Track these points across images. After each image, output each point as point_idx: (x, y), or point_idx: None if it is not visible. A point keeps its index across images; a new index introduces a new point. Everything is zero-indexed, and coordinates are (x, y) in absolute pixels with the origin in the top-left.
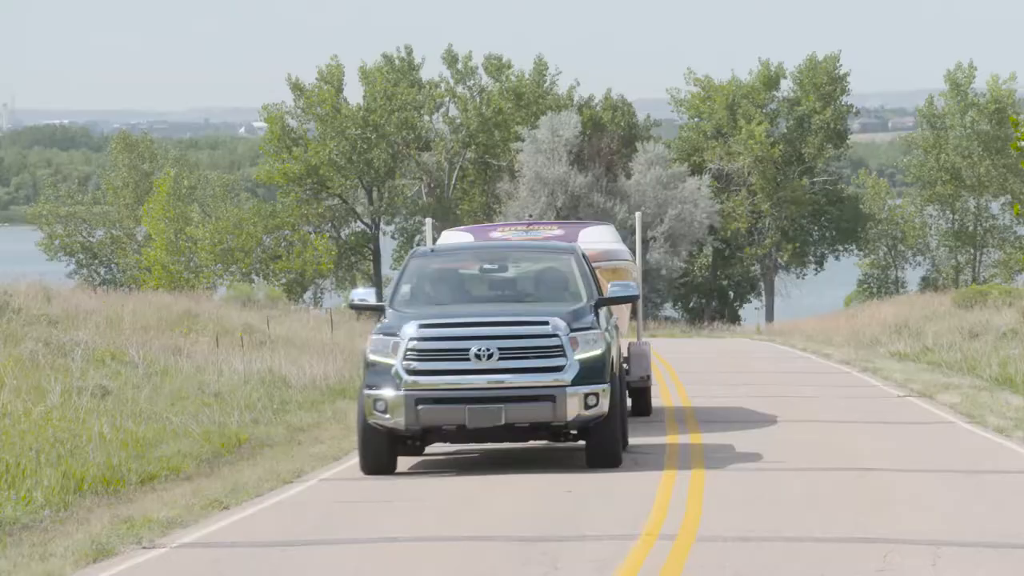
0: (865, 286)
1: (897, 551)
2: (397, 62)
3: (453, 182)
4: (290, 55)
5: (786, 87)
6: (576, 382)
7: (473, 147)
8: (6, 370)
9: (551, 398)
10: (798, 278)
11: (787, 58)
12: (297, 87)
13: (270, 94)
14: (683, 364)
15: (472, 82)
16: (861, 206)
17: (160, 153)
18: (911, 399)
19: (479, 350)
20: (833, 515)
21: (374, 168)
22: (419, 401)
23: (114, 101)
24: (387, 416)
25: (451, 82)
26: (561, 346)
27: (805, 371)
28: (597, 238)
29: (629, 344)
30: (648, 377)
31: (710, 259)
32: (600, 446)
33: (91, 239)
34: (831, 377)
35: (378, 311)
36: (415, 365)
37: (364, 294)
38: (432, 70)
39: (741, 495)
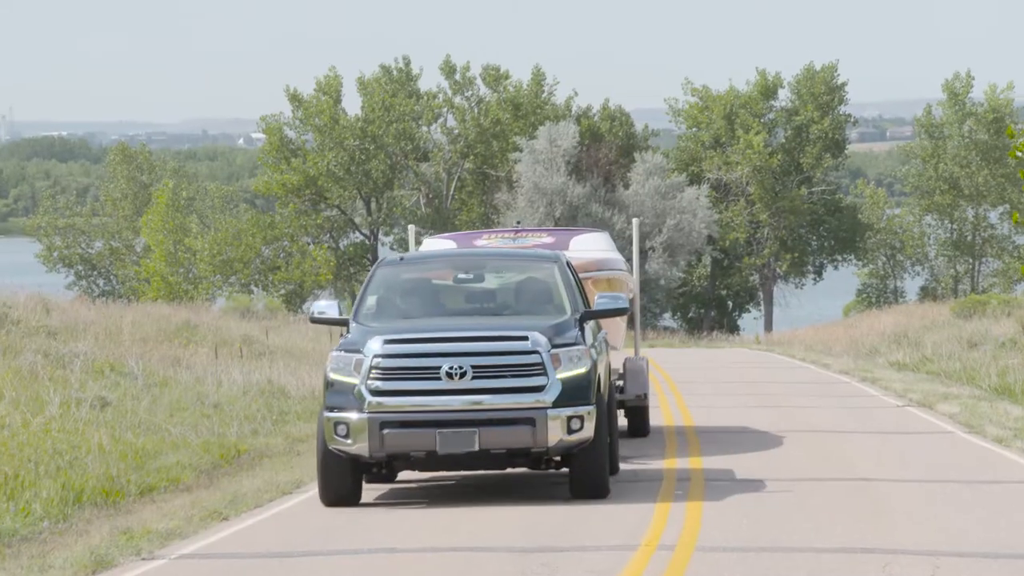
0: (864, 296)
1: (896, 561)
2: (395, 73)
3: (451, 192)
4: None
5: (784, 97)
6: (558, 404)
7: (471, 157)
8: (5, 382)
9: (530, 421)
10: (797, 288)
11: (785, 68)
12: (295, 98)
13: (268, 105)
14: (682, 374)
15: (470, 92)
16: (859, 216)
17: (159, 164)
18: (910, 409)
19: (451, 368)
20: (832, 525)
21: (372, 179)
22: (384, 425)
23: (112, 113)
24: (349, 441)
25: (449, 93)
26: (541, 364)
27: (804, 381)
28: (590, 246)
29: (625, 360)
30: (645, 395)
31: (709, 269)
32: (585, 474)
33: (90, 251)
34: (830, 387)
35: (342, 325)
36: (380, 385)
37: (326, 307)
38: (430, 81)
39: (739, 505)
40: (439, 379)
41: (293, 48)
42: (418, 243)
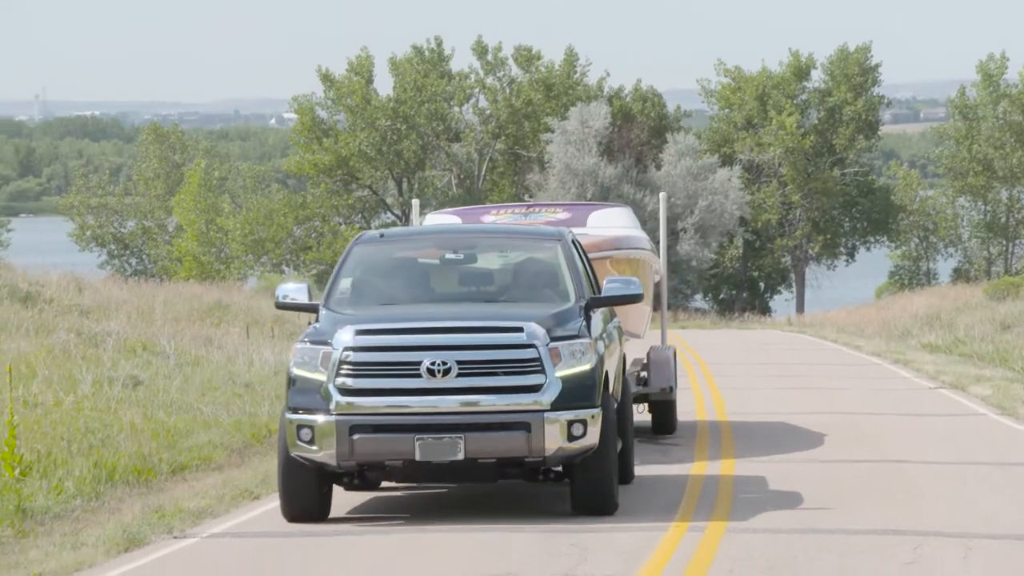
0: (896, 278)
1: (927, 543)
2: (427, 53)
3: (483, 173)
4: (320, 46)
5: (817, 78)
6: (557, 406)
7: (503, 138)
8: (38, 360)
9: (525, 426)
10: (829, 269)
11: (818, 49)
12: (327, 78)
13: (300, 85)
14: (713, 355)
15: (502, 73)
16: (892, 197)
17: (191, 144)
18: (942, 391)
19: (433, 364)
20: (863, 507)
21: (404, 159)
22: (355, 429)
23: (145, 92)
24: (314, 448)
25: (481, 73)
26: (538, 359)
27: (836, 363)
28: (609, 222)
29: (650, 349)
30: (671, 389)
31: (740, 250)
32: (588, 488)
33: (122, 230)
34: (862, 369)
35: (311, 312)
36: (350, 382)
37: (293, 290)
38: (462, 61)
39: (771, 486)
40: (419, 376)
41: (325, 28)
42: (424, 218)
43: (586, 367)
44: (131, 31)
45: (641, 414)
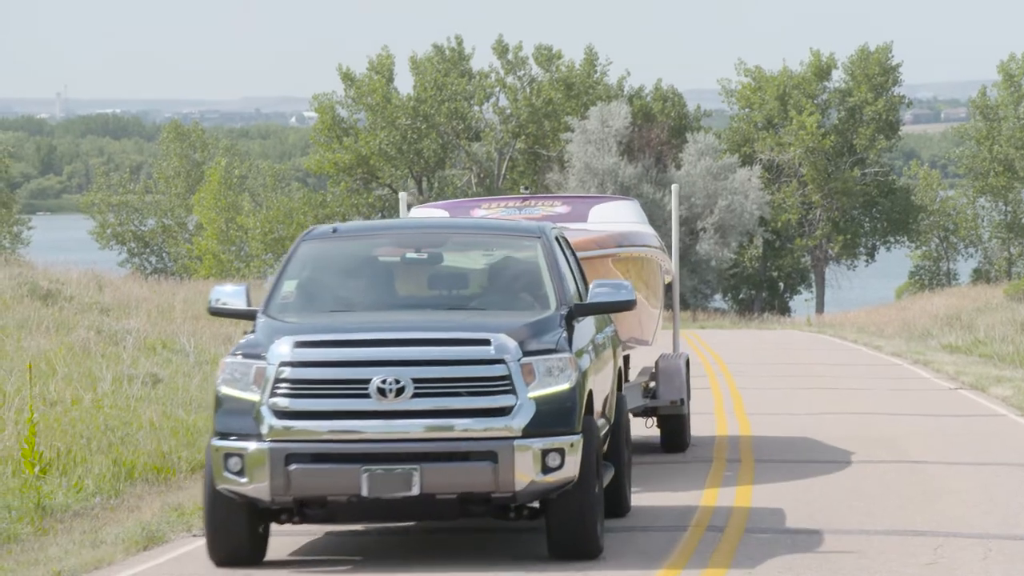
0: (916, 278)
1: (947, 544)
2: (447, 52)
3: (503, 172)
4: (341, 45)
5: (838, 78)
6: (530, 432)
7: (523, 137)
8: (58, 357)
9: (491, 456)
10: (849, 269)
11: (839, 48)
12: (348, 77)
13: (321, 84)
14: (733, 355)
15: (522, 72)
16: (913, 197)
17: (211, 142)
18: (963, 392)
19: (384, 382)
20: (883, 508)
21: (424, 158)
22: (292, 458)
23: (166, 90)
24: (243, 480)
25: (501, 72)
26: (508, 377)
27: (856, 363)
28: (613, 217)
29: (659, 358)
30: (682, 402)
31: (760, 250)
32: (566, 527)
33: (143, 228)
34: (882, 369)
35: (248, 320)
36: (287, 403)
37: (229, 294)
38: (482, 60)
39: (790, 487)
40: (368, 397)
41: (346, 27)
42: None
43: (564, 386)
44: (152, 30)
45: (650, 429)
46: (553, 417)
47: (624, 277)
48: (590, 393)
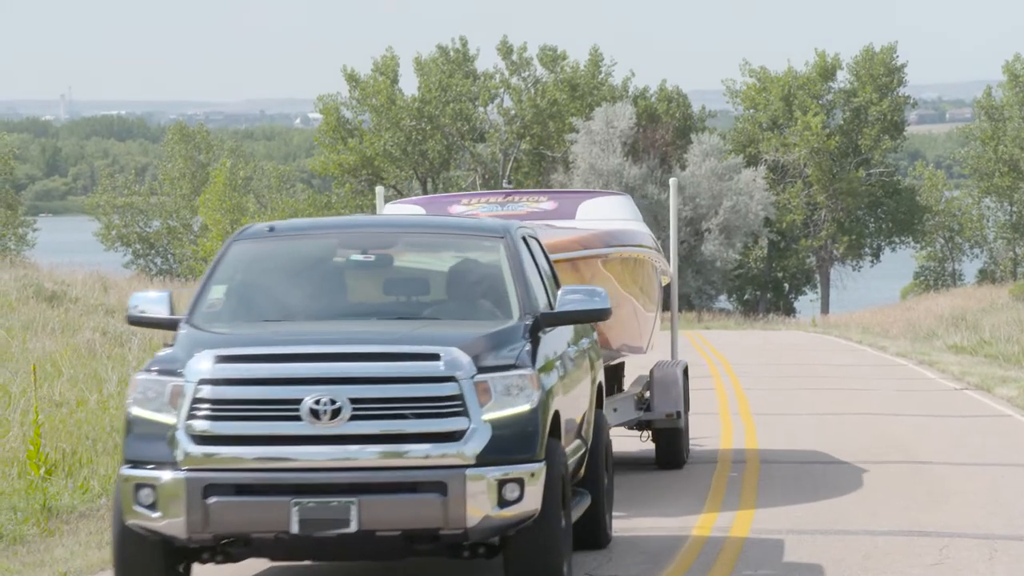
0: (921, 278)
1: (953, 544)
2: (452, 53)
3: (508, 173)
4: (345, 47)
5: (842, 78)
6: (485, 460)
7: (527, 138)
8: (63, 359)
9: (440, 487)
10: (854, 270)
11: (843, 49)
12: (352, 78)
13: (326, 85)
14: (738, 356)
15: (527, 73)
16: (918, 198)
17: (216, 144)
18: (968, 392)
19: (318, 402)
20: (889, 508)
21: (429, 159)
22: (211, 490)
23: (170, 92)
24: (156, 515)
25: (506, 73)
26: (459, 396)
27: (861, 364)
28: (603, 214)
29: (654, 366)
30: (678, 414)
31: (765, 251)
32: (527, 569)
33: (148, 229)
34: (887, 370)
35: (170, 329)
36: (207, 427)
37: (149, 301)
38: (487, 61)
39: (795, 488)
40: (299, 419)
41: (350, 28)
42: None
43: (524, 408)
44: (157, 31)
45: (645, 442)
46: (511, 442)
47: (617, 281)
48: (556, 414)
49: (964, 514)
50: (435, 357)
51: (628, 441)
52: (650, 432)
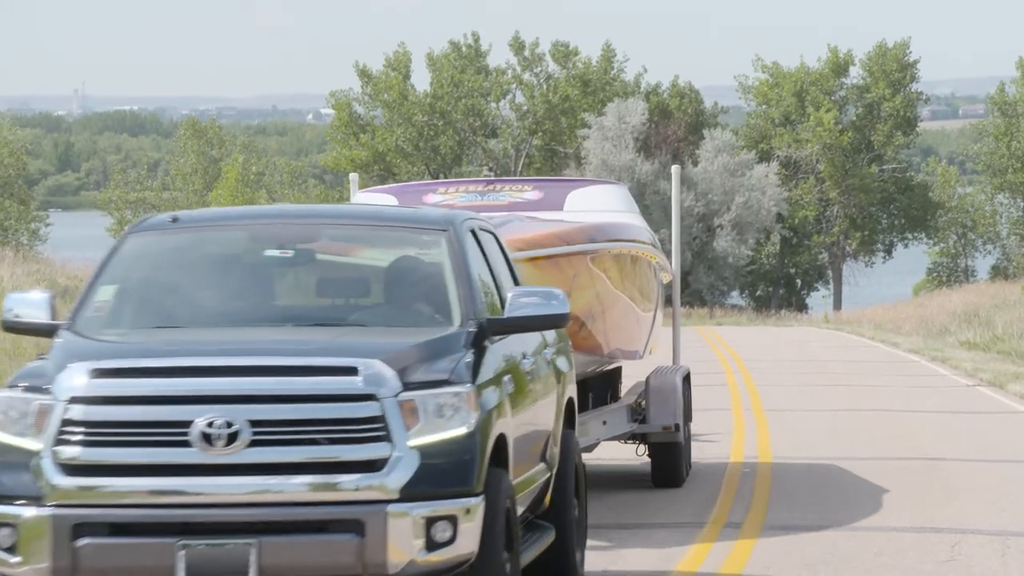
0: (934, 275)
1: (965, 541)
2: (464, 49)
3: (519, 169)
4: (358, 42)
5: (855, 74)
6: (410, 494)
7: (539, 134)
8: None
9: (356, 526)
10: (866, 266)
11: (856, 45)
12: (364, 74)
13: (338, 81)
14: (750, 353)
15: (539, 69)
16: (930, 194)
17: (228, 139)
18: (981, 388)
19: (211, 425)
20: (901, 505)
21: (441, 155)
22: (82, 529)
23: (183, 87)
24: (17, 560)
25: (518, 69)
26: (381, 418)
27: (874, 360)
28: (594, 205)
29: (651, 373)
30: (677, 427)
31: (777, 247)
32: None
33: None
34: (900, 366)
35: (48, 336)
36: (78, 454)
37: (26, 304)
38: (499, 57)
39: (808, 485)
40: (188, 445)
41: (363, 24)
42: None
43: (459, 431)
44: (169, 27)
45: (641, 457)
46: (443, 473)
47: (608, 279)
48: (502, 438)
49: (976, 510)
50: (352, 371)
51: (624, 450)
52: (646, 446)
